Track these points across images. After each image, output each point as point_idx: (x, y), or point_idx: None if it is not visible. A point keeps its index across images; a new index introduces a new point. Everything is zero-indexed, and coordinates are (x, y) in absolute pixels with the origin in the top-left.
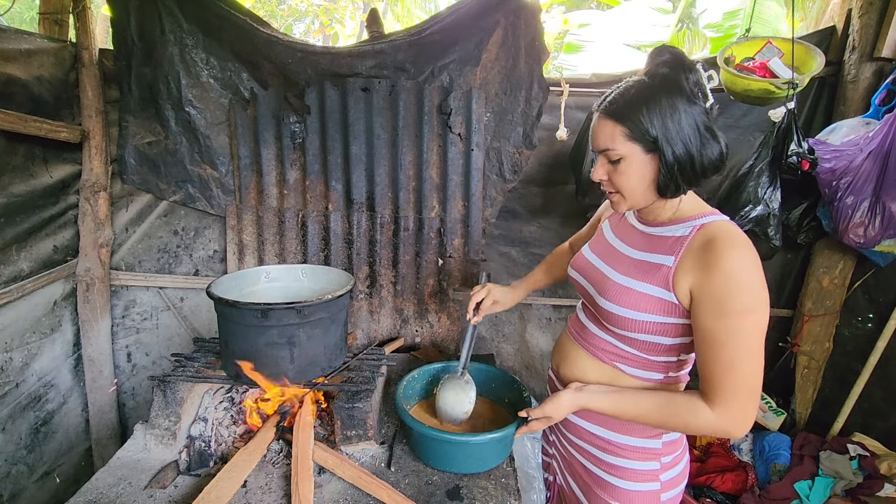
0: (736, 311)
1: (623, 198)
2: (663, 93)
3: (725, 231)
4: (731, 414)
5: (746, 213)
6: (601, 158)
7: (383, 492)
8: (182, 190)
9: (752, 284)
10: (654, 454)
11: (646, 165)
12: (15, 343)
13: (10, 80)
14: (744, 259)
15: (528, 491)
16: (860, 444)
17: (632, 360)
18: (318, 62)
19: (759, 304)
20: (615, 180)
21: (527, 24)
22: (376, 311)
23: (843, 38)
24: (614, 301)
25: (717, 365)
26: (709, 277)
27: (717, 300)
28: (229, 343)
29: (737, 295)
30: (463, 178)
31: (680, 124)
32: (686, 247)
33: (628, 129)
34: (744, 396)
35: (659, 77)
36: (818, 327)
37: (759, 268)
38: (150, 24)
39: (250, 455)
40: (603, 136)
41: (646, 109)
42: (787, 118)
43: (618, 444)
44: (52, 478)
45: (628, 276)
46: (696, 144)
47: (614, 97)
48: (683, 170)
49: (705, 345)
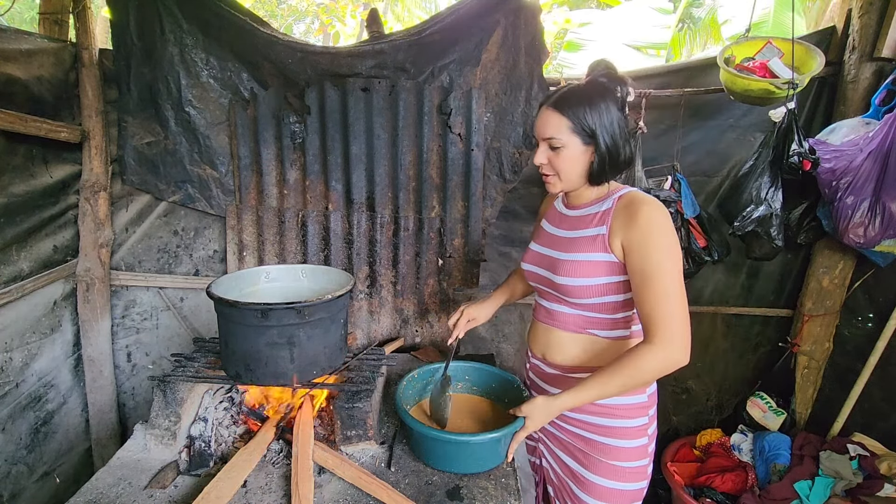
0: (658, 249)
1: (559, 180)
2: (601, 97)
3: (638, 194)
4: (674, 341)
5: (749, 213)
6: (543, 145)
7: (383, 492)
8: (182, 190)
9: (666, 230)
10: (642, 408)
11: (582, 154)
12: (15, 343)
13: (10, 80)
14: (656, 212)
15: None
16: (860, 444)
17: (599, 323)
18: (318, 62)
19: (674, 244)
20: (555, 164)
21: (527, 24)
22: (376, 311)
23: (843, 38)
24: (568, 275)
25: (652, 297)
26: (632, 228)
27: (641, 244)
28: (229, 343)
29: (656, 237)
30: (463, 178)
31: (612, 123)
32: (613, 214)
33: (572, 122)
34: (679, 321)
35: (599, 84)
36: (818, 327)
37: (669, 220)
38: (150, 25)
39: (250, 455)
40: (549, 126)
41: (588, 108)
42: (788, 118)
43: (610, 405)
44: (52, 478)
45: (572, 251)
46: (621, 141)
47: (562, 94)
48: (612, 160)
49: (640, 285)
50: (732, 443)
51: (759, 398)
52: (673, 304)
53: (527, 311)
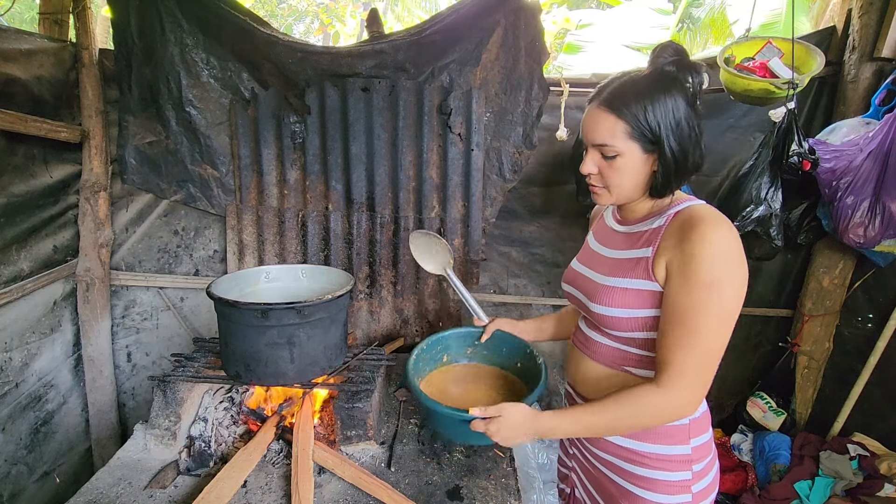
0: (701, 282)
1: (609, 193)
2: (666, 91)
3: (701, 210)
4: (683, 394)
5: (748, 213)
6: (593, 152)
7: (383, 492)
8: (183, 190)
9: (723, 258)
10: (684, 462)
11: (642, 164)
12: (15, 343)
13: (10, 80)
14: (716, 232)
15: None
16: (860, 444)
17: (636, 360)
18: (319, 62)
19: (729, 279)
20: (607, 175)
21: (527, 24)
22: (376, 311)
23: (843, 38)
24: (604, 303)
25: (672, 337)
26: (680, 249)
27: (684, 270)
28: (229, 343)
29: (704, 265)
30: (463, 178)
31: (679, 123)
32: (663, 233)
33: (630, 126)
34: (697, 371)
35: (665, 75)
36: (818, 327)
37: (736, 246)
38: (151, 25)
39: (250, 455)
40: (602, 131)
41: (650, 106)
42: (788, 118)
43: (646, 454)
44: (52, 478)
45: (612, 275)
46: (691, 146)
47: (616, 90)
48: (679, 168)
49: (667, 317)
50: (732, 443)
51: (759, 398)
52: (697, 354)
53: (527, 311)
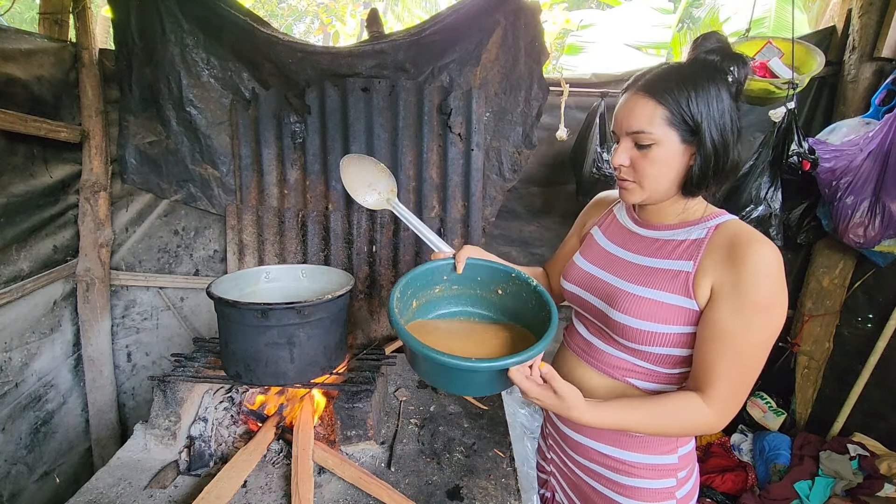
0: (755, 305)
1: (641, 188)
2: (710, 80)
3: (746, 228)
4: (724, 409)
5: (748, 213)
6: (626, 141)
7: (383, 492)
8: (183, 189)
9: (776, 281)
10: (670, 470)
11: (679, 156)
12: (15, 343)
13: (10, 80)
14: (772, 256)
15: (528, 491)
16: (860, 444)
17: (645, 374)
18: (319, 62)
19: (779, 303)
20: (640, 167)
21: (527, 25)
22: (376, 311)
23: (843, 38)
24: (630, 313)
25: (723, 358)
26: (735, 271)
27: (738, 293)
28: (229, 343)
29: (760, 289)
30: (463, 178)
31: (722, 115)
32: (706, 248)
33: (670, 111)
34: (739, 393)
35: (708, 63)
36: (818, 327)
37: (782, 268)
38: (151, 25)
39: (250, 455)
40: (639, 117)
41: (694, 94)
42: (788, 118)
43: (632, 464)
44: (51, 478)
45: (642, 285)
46: (732, 140)
47: (656, 75)
48: (718, 164)
49: (713, 338)
50: (732, 443)
51: (759, 398)
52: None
53: None
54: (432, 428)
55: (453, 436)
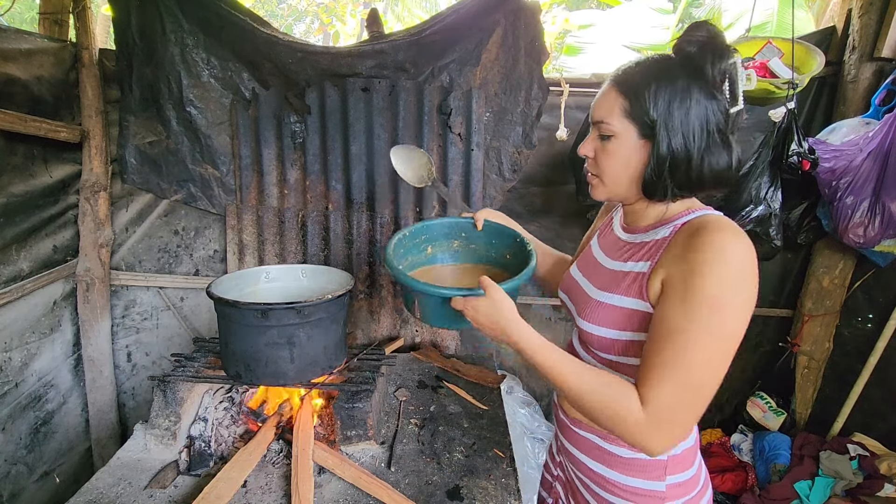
0: (703, 299)
1: (603, 184)
2: (682, 74)
3: (718, 219)
4: (657, 421)
5: (747, 213)
6: (593, 131)
7: (383, 492)
8: (184, 189)
9: (732, 274)
10: (656, 498)
11: (636, 152)
12: (14, 343)
13: (10, 80)
14: (733, 246)
15: (528, 491)
16: (860, 444)
17: None
18: (319, 62)
19: (733, 302)
20: (600, 160)
21: (527, 25)
22: (376, 311)
23: (843, 38)
24: (590, 320)
25: (664, 357)
26: (686, 261)
27: (686, 285)
28: (229, 343)
29: (711, 279)
30: (463, 178)
31: (687, 115)
32: (667, 246)
33: (629, 103)
34: (680, 408)
35: (683, 55)
36: (818, 327)
37: (750, 261)
38: (151, 24)
39: (250, 455)
40: (601, 106)
41: (655, 87)
42: (788, 118)
43: (616, 484)
44: (51, 478)
45: (606, 290)
46: (699, 145)
47: (629, 66)
48: (676, 170)
49: (657, 336)
50: (732, 443)
51: (759, 398)
52: (686, 388)
53: (527, 311)
54: (432, 428)
55: (453, 436)
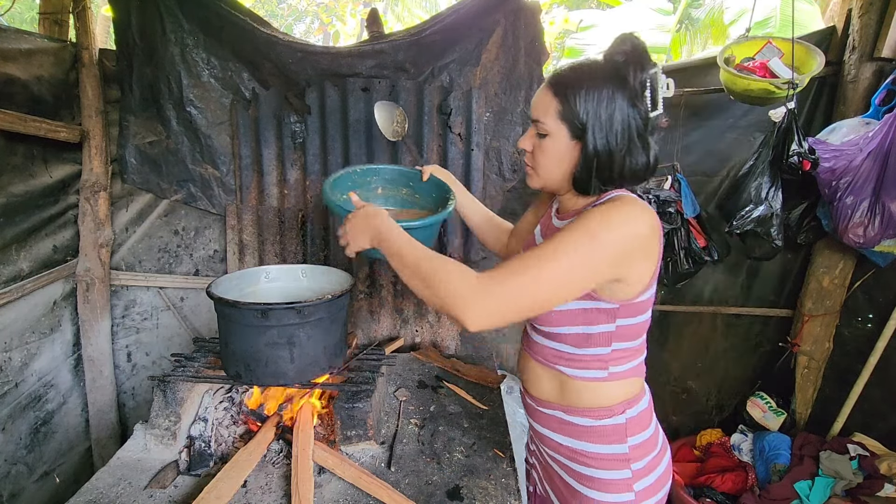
0: (583, 227)
1: (537, 175)
2: (608, 81)
3: (621, 196)
4: (488, 282)
5: (748, 213)
6: (532, 128)
7: (383, 492)
8: (184, 189)
9: (613, 217)
10: (622, 461)
11: (568, 150)
12: (14, 343)
13: (10, 80)
14: (623, 204)
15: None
16: (860, 444)
17: (567, 359)
18: (319, 62)
19: (610, 235)
20: (536, 155)
21: (527, 25)
22: (376, 311)
23: (843, 38)
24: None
25: (526, 253)
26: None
27: (575, 220)
28: (229, 343)
29: (594, 216)
30: (463, 178)
31: (611, 119)
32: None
33: (563, 106)
34: (512, 278)
35: (610, 64)
36: (818, 327)
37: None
38: (151, 25)
39: (250, 455)
40: (537, 106)
41: (585, 92)
42: (788, 118)
43: (585, 453)
44: (51, 478)
45: None
46: (622, 146)
47: (563, 70)
48: (601, 167)
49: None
50: (732, 443)
51: (759, 398)
52: (524, 275)
53: None
54: (432, 428)
55: (453, 436)
